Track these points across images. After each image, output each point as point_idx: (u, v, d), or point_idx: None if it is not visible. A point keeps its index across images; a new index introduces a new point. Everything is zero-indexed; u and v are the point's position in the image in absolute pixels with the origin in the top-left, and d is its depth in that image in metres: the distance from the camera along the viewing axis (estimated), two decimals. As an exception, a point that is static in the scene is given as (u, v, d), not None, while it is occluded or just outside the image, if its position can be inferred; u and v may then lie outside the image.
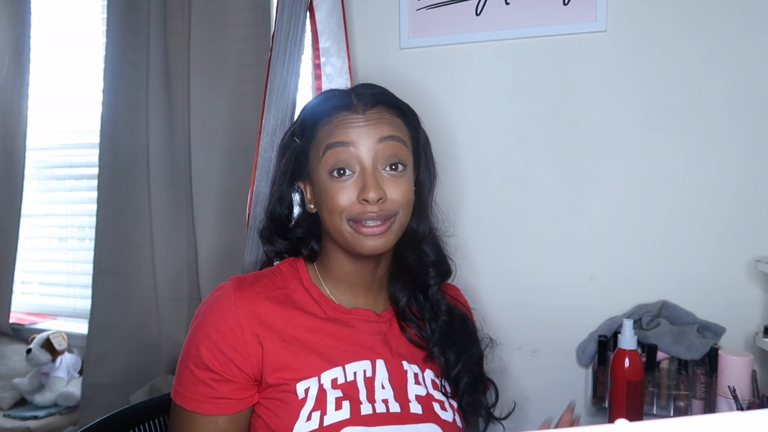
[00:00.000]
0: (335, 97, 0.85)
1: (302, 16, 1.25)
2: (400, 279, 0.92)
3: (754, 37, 1.17)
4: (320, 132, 0.83)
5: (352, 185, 0.80)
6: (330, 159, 0.80)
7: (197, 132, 1.57)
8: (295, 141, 0.88)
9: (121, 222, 1.66)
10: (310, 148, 0.85)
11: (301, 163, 0.87)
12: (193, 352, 0.81)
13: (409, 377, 0.85)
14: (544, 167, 1.30)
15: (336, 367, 0.81)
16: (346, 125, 0.81)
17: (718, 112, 1.20)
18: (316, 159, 0.83)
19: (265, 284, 0.85)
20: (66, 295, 2.03)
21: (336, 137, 0.80)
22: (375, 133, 0.80)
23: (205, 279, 1.59)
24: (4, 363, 1.83)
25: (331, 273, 0.88)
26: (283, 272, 0.89)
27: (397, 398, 0.82)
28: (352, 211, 0.80)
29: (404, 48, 1.38)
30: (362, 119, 0.81)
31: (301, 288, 0.87)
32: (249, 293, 0.83)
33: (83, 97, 1.93)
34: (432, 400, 0.85)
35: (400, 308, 0.90)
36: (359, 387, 0.81)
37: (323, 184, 0.81)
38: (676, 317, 1.20)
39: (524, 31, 1.29)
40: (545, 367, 1.32)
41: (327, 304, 0.86)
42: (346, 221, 0.80)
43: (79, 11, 1.96)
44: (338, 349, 0.83)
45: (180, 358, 0.84)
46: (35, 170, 2.02)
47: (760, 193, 1.18)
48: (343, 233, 0.81)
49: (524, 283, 1.33)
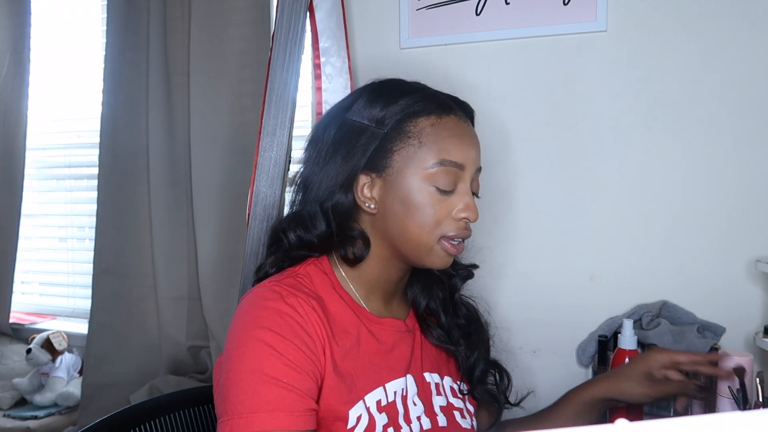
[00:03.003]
0: (434, 95, 0.80)
1: (302, 16, 1.25)
2: (418, 281, 0.89)
3: (754, 37, 1.17)
4: (424, 129, 0.76)
5: (449, 201, 0.77)
6: (442, 175, 0.75)
7: (197, 132, 1.57)
8: (378, 127, 0.76)
9: (121, 222, 1.66)
10: (397, 140, 0.76)
11: (377, 154, 0.76)
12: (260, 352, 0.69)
13: (432, 389, 0.83)
14: (544, 167, 1.30)
15: (378, 387, 0.76)
16: (462, 140, 0.77)
17: (718, 111, 1.20)
18: (412, 159, 0.75)
19: (306, 293, 0.74)
20: (66, 295, 2.03)
21: (453, 155, 0.76)
22: (477, 159, 0.80)
23: (205, 279, 1.59)
24: (4, 363, 1.83)
25: (365, 278, 0.81)
26: (312, 276, 0.78)
27: (426, 413, 0.80)
28: (449, 228, 0.76)
29: (404, 48, 1.38)
30: (472, 138, 0.79)
31: (335, 295, 0.78)
32: (300, 300, 0.72)
33: (83, 97, 1.93)
34: (453, 409, 0.84)
35: (421, 312, 0.88)
36: (398, 408, 0.77)
37: (419, 193, 0.75)
38: (676, 317, 1.20)
39: (524, 31, 1.29)
40: (545, 367, 1.32)
41: (361, 314, 0.79)
42: (438, 236, 0.77)
43: (79, 11, 1.95)
44: (377, 366, 0.77)
45: (229, 377, 0.69)
46: (35, 170, 2.02)
47: (760, 193, 1.18)
48: (424, 245, 0.77)
49: (524, 283, 1.33)
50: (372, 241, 0.79)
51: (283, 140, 1.22)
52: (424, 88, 0.81)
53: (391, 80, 0.83)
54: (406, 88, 0.80)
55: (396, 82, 0.82)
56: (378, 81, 0.83)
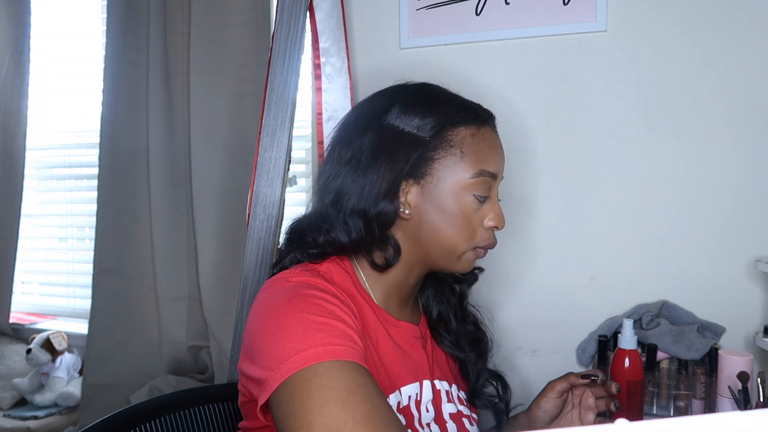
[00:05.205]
0: (470, 105, 0.81)
1: (302, 16, 1.25)
2: (430, 287, 0.90)
3: (753, 37, 1.17)
4: (465, 140, 0.77)
5: (482, 210, 0.79)
6: (480, 185, 0.77)
7: (197, 132, 1.57)
8: (420, 135, 0.76)
9: (121, 222, 1.66)
10: (439, 149, 0.76)
11: (419, 162, 0.76)
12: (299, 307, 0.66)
13: (443, 396, 0.84)
14: (543, 167, 1.30)
15: (395, 390, 0.76)
16: (496, 151, 0.81)
17: (717, 111, 1.20)
18: (452, 168, 0.76)
19: (330, 289, 0.72)
20: (66, 295, 2.03)
21: (491, 165, 0.78)
22: (503, 168, 0.83)
23: (205, 279, 1.59)
24: (4, 363, 1.83)
25: (385, 282, 0.80)
26: (333, 274, 0.77)
27: (436, 420, 0.80)
28: (482, 239, 0.79)
29: (404, 48, 1.38)
30: (502, 148, 0.82)
31: (357, 294, 0.77)
32: (333, 288, 0.72)
33: (83, 97, 1.93)
34: (462, 417, 0.85)
35: (434, 318, 0.89)
36: (413, 412, 0.77)
37: (457, 202, 0.76)
38: (676, 317, 1.20)
39: (524, 31, 1.29)
40: (545, 367, 1.32)
41: (381, 315, 0.79)
42: (473, 245, 0.79)
43: (79, 11, 1.95)
44: (395, 369, 0.77)
45: (262, 334, 0.65)
46: (35, 170, 2.02)
47: (759, 193, 1.18)
48: (459, 252, 0.78)
49: (524, 283, 1.33)
50: (402, 248, 0.79)
51: (283, 140, 1.22)
52: (457, 97, 0.83)
53: (423, 85, 0.83)
54: (443, 96, 0.81)
55: (431, 88, 0.83)
56: (409, 85, 0.83)
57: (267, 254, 1.19)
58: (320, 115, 1.32)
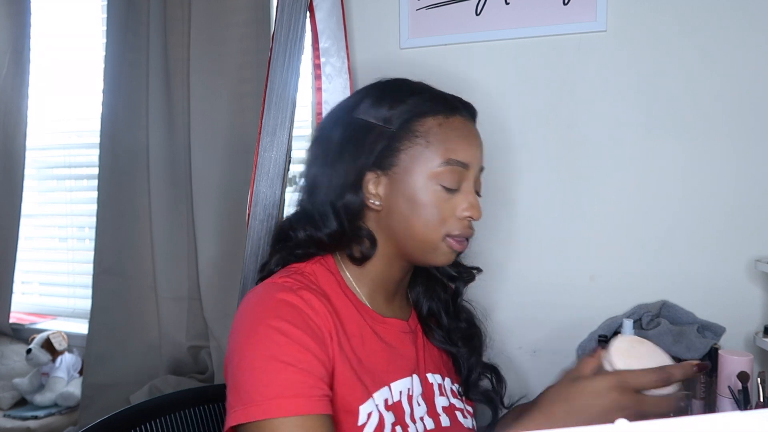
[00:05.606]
0: (441, 95, 0.81)
1: (302, 16, 1.25)
2: (420, 283, 0.90)
3: (753, 37, 1.17)
4: (432, 129, 0.77)
5: (454, 201, 0.78)
6: (448, 174, 0.76)
7: (197, 132, 1.57)
8: (386, 126, 0.77)
9: (121, 222, 1.66)
10: (405, 140, 0.76)
11: (385, 153, 0.77)
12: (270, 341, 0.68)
13: (435, 389, 0.84)
14: (543, 167, 1.30)
15: (384, 386, 0.76)
16: (468, 140, 0.79)
17: (717, 111, 1.20)
18: (418, 159, 0.76)
19: (314, 289, 0.74)
20: (66, 295, 2.03)
21: (460, 155, 0.77)
22: (481, 159, 0.81)
23: (205, 279, 1.59)
24: (4, 363, 1.83)
25: (368, 278, 0.81)
26: (318, 274, 0.78)
27: (429, 414, 0.81)
28: (454, 227, 0.77)
29: (404, 48, 1.38)
30: (477, 138, 0.80)
31: (341, 293, 0.78)
32: (310, 294, 0.73)
33: (83, 97, 1.93)
34: (455, 410, 0.85)
35: (424, 314, 0.89)
36: (404, 407, 0.77)
37: (425, 192, 0.76)
38: (676, 317, 1.20)
39: (524, 31, 1.29)
40: (545, 367, 1.32)
41: (366, 313, 0.80)
42: (443, 234, 0.77)
43: (79, 11, 1.95)
44: (383, 365, 0.78)
45: (240, 369, 0.67)
46: (35, 170, 2.02)
47: (759, 193, 1.18)
48: (430, 243, 0.77)
49: (524, 283, 1.33)
50: (377, 240, 0.80)
51: (283, 140, 1.22)
52: (430, 89, 0.82)
53: (396, 80, 0.84)
54: (413, 88, 0.81)
55: (402, 82, 0.83)
56: (383, 80, 0.84)
57: (267, 254, 1.19)
58: (320, 116, 1.32)
